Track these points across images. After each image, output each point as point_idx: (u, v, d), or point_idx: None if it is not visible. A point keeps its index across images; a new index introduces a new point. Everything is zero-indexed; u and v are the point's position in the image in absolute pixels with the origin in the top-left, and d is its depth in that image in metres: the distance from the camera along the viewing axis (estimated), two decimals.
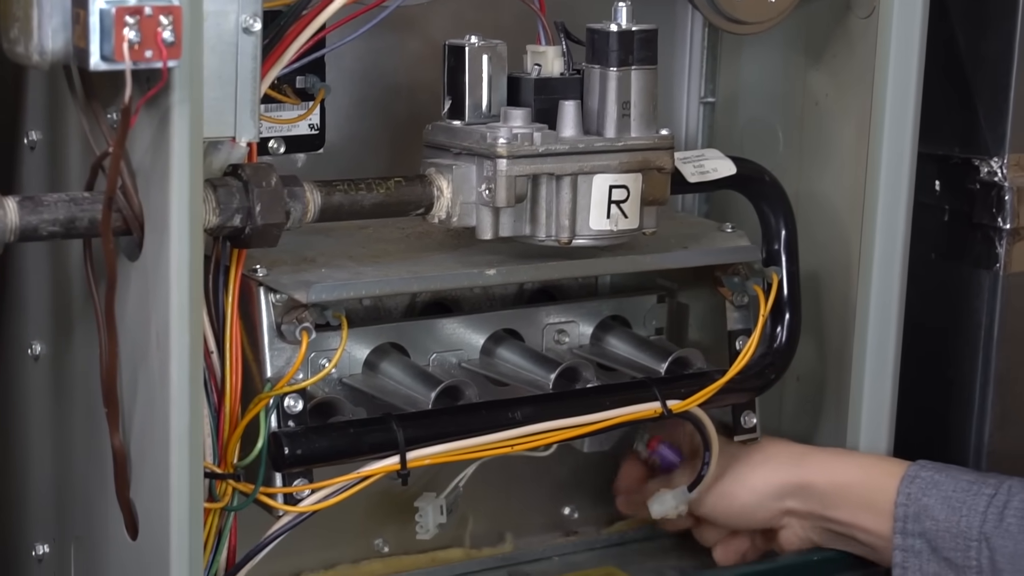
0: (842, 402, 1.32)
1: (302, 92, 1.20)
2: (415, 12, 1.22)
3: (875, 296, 1.29)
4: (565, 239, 1.14)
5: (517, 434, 1.15)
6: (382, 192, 1.11)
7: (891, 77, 1.25)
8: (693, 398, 1.22)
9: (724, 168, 1.26)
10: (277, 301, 1.10)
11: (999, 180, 1.39)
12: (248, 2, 1.00)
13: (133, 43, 0.90)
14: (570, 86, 1.15)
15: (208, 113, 0.98)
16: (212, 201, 1.02)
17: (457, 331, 1.24)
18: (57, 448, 1.16)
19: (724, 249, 1.26)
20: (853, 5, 1.28)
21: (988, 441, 1.42)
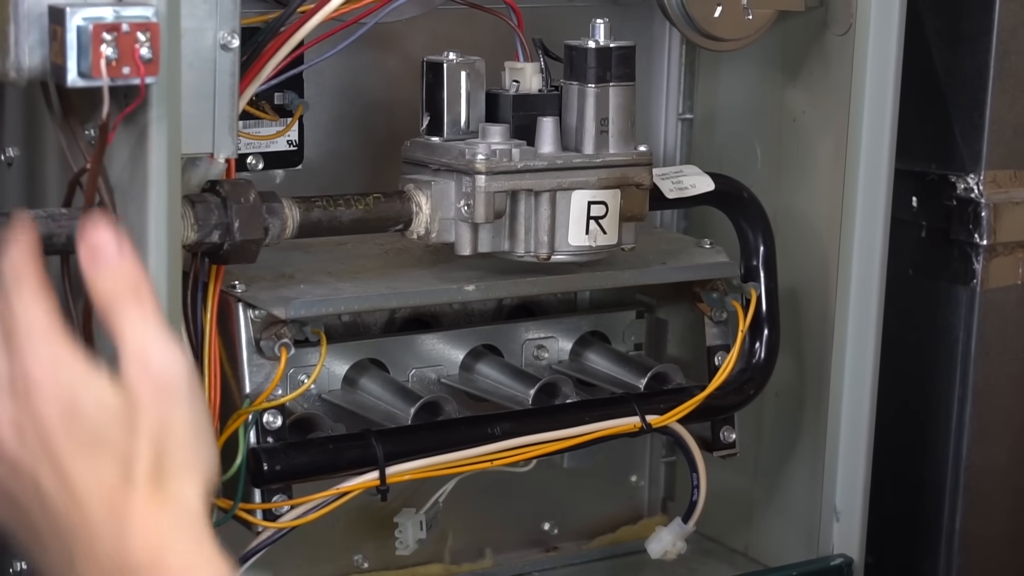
0: (820, 417, 1.32)
1: (280, 108, 1.21)
2: (393, 29, 1.23)
3: (853, 312, 1.29)
4: (544, 255, 1.14)
5: (496, 449, 1.16)
6: (361, 208, 1.11)
7: (868, 94, 1.26)
8: (672, 413, 1.22)
9: (702, 184, 1.27)
10: (256, 317, 1.10)
11: (976, 196, 1.39)
12: (226, 19, 1.00)
13: (111, 60, 0.90)
14: (548, 102, 1.16)
15: (186, 129, 0.98)
16: (190, 217, 1.02)
17: (436, 347, 1.24)
18: None
19: (703, 265, 1.26)
20: (830, 23, 1.28)
21: (966, 456, 1.42)
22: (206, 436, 0.84)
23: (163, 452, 0.82)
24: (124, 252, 0.84)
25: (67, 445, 0.82)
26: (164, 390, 0.82)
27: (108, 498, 0.81)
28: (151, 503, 0.81)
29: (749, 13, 1.25)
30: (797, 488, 1.36)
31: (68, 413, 0.82)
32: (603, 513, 1.42)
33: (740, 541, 1.41)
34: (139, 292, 0.83)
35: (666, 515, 1.43)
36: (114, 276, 0.83)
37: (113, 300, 0.83)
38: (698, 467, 1.25)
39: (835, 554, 1.33)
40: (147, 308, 0.83)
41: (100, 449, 0.81)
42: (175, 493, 0.82)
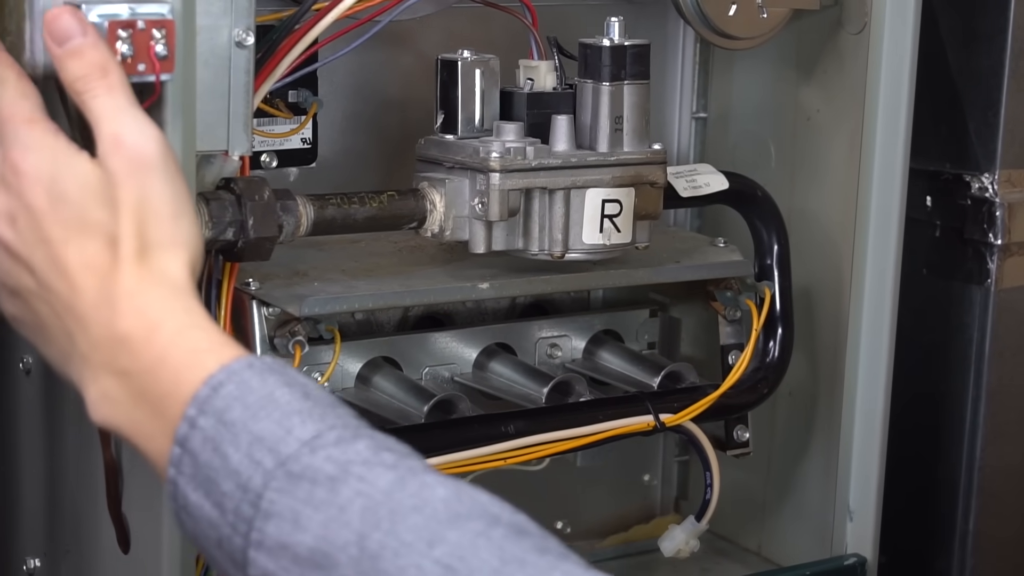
0: (834, 417, 1.32)
1: (294, 106, 1.21)
2: (407, 27, 1.22)
3: (867, 311, 1.29)
4: (558, 253, 1.14)
5: (510, 448, 1.15)
6: (375, 206, 1.11)
7: (882, 93, 1.26)
8: (685, 412, 1.22)
9: (716, 183, 1.26)
10: (270, 315, 1.10)
11: (990, 196, 1.39)
12: (241, 16, 1.00)
13: (126, 57, 0.90)
14: (563, 101, 1.15)
15: (201, 127, 0.98)
16: (205, 214, 1.02)
17: (450, 345, 1.24)
18: (48, 462, 1.16)
19: (717, 264, 1.26)
20: (844, 21, 1.28)
21: (980, 456, 1.42)
22: (187, 211, 0.87)
23: (144, 227, 0.85)
24: (88, 33, 0.87)
25: (57, 230, 0.85)
26: (138, 166, 0.85)
27: (98, 277, 0.84)
28: (137, 276, 0.84)
29: (764, 11, 1.24)
30: (810, 487, 1.35)
31: (53, 197, 0.85)
32: (616, 512, 1.41)
33: (753, 540, 1.41)
34: (107, 72, 0.86)
35: (679, 514, 1.43)
36: (81, 58, 0.87)
37: (83, 82, 0.86)
38: (711, 466, 1.24)
39: (848, 554, 1.33)
40: (117, 88, 0.86)
41: (86, 230, 0.85)
42: (160, 266, 0.85)
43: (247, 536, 0.78)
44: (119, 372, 0.84)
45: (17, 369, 1.17)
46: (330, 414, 0.81)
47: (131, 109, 0.86)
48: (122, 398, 0.84)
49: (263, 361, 0.83)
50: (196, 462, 0.80)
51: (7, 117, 0.88)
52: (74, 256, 0.85)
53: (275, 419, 0.80)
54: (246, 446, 0.79)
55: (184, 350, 0.83)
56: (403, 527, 0.75)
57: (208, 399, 0.81)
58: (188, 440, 0.81)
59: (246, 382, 0.81)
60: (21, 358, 1.17)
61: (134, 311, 0.84)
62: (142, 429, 0.84)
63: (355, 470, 0.78)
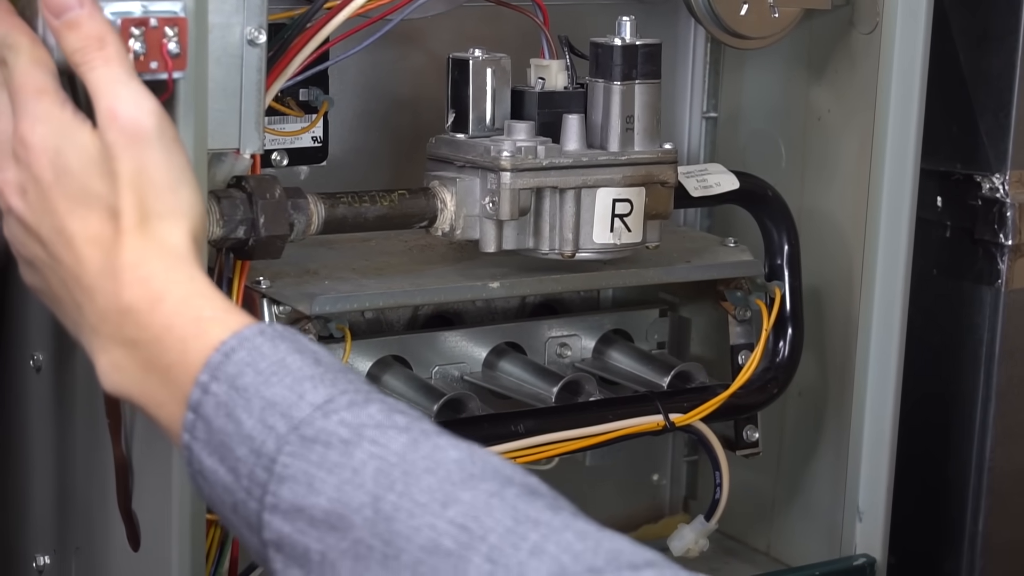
0: (844, 417, 1.32)
1: (305, 104, 1.21)
2: (419, 25, 1.22)
3: (877, 311, 1.29)
4: (568, 252, 1.14)
5: (519, 447, 1.15)
6: (386, 204, 1.11)
7: (893, 93, 1.25)
8: (695, 412, 1.22)
9: (727, 183, 1.26)
10: (280, 313, 1.10)
11: (1001, 196, 1.39)
12: (253, 14, 1.00)
13: (138, 54, 0.90)
14: (574, 100, 1.15)
15: (212, 125, 0.98)
16: (216, 213, 1.02)
17: (459, 344, 1.24)
18: (58, 459, 1.16)
19: (727, 264, 1.26)
20: (856, 21, 1.28)
21: (990, 457, 1.41)
22: (186, 181, 0.87)
23: (144, 199, 0.85)
24: (85, 4, 0.87)
25: (62, 202, 0.86)
26: (134, 137, 0.85)
27: (101, 248, 0.85)
28: (139, 247, 0.85)
29: (775, 11, 1.24)
30: (820, 488, 1.35)
31: (58, 169, 0.86)
32: (625, 511, 1.41)
33: (762, 540, 1.41)
34: (104, 44, 0.87)
35: (687, 514, 1.43)
36: (78, 30, 0.87)
37: (80, 54, 0.86)
38: (721, 466, 1.24)
39: (858, 554, 1.33)
40: (114, 59, 0.86)
41: (88, 202, 0.85)
42: (161, 236, 0.85)
43: (262, 500, 0.79)
44: (127, 342, 0.85)
45: (27, 366, 1.17)
46: (341, 379, 0.81)
47: (128, 81, 0.87)
48: (131, 367, 0.85)
49: (274, 328, 0.84)
50: (210, 427, 0.81)
51: (19, 86, 0.88)
52: (78, 228, 0.86)
53: (287, 384, 0.80)
54: (259, 411, 0.80)
55: (189, 318, 0.84)
56: (417, 488, 0.76)
57: (220, 365, 0.81)
58: (201, 405, 0.81)
59: (258, 348, 0.82)
60: (32, 355, 1.17)
61: (138, 281, 0.84)
62: (153, 397, 0.85)
63: (368, 433, 0.78)
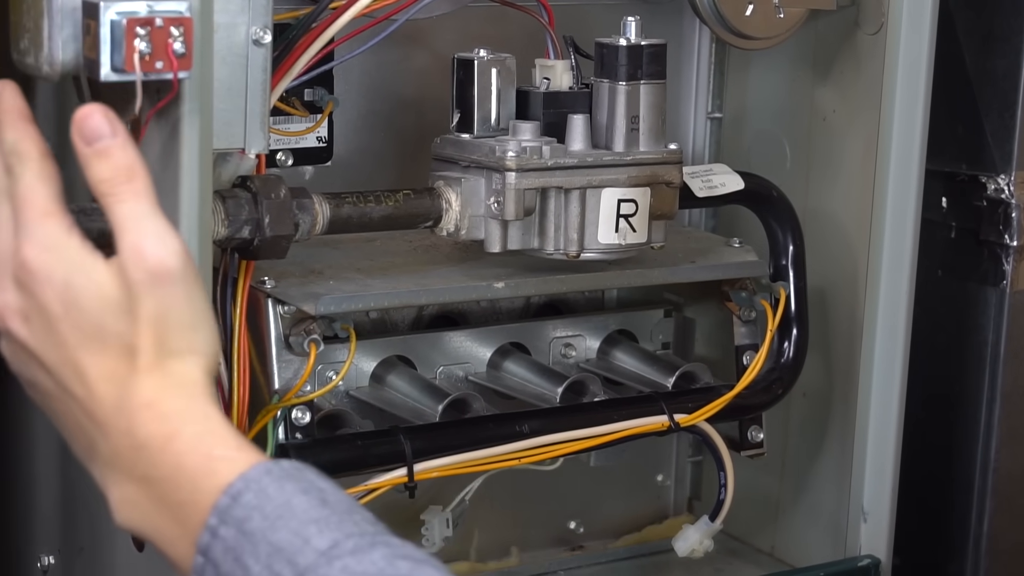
0: (848, 418, 1.32)
1: (310, 105, 1.21)
2: (423, 26, 1.22)
3: (882, 312, 1.29)
4: (573, 252, 1.14)
5: (524, 447, 1.15)
6: (391, 204, 1.11)
7: (899, 94, 1.25)
8: (700, 412, 1.22)
9: (732, 183, 1.26)
10: (285, 313, 1.10)
11: (1006, 197, 1.39)
12: (259, 14, 1.00)
13: (144, 54, 0.90)
14: (579, 100, 1.15)
15: (218, 124, 0.98)
16: (221, 212, 1.02)
17: (464, 344, 1.24)
18: (63, 459, 1.16)
19: (731, 264, 1.26)
20: (861, 22, 1.28)
21: (994, 458, 1.41)
22: (205, 319, 0.86)
23: (163, 337, 0.84)
24: (118, 134, 0.85)
25: (73, 336, 0.84)
26: (159, 276, 0.83)
27: (116, 385, 0.84)
28: (154, 384, 0.84)
29: (780, 11, 1.24)
30: (824, 488, 1.35)
31: (67, 303, 0.84)
32: (629, 512, 1.41)
33: (766, 541, 1.41)
34: (133, 177, 0.85)
35: (692, 515, 1.43)
36: (109, 160, 0.85)
37: (108, 185, 0.84)
38: (726, 466, 1.24)
39: (862, 555, 1.32)
40: (142, 194, 0.84)
41: (104, 340, 0.84)
42: (177, 372, 0.84)
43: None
44: (139, 479, 0.84)
45: None
46: (347, 521, 0.81)
47: (154, 218, 0.84)
48: (143, 503, 0.84)
49: (280, 467, 0.83)
50: (218, 571, 0.81)
51: (23, 202, 0.85)
52: (90, 364, 0.84)
53: (292, 528, 0.80)
54: (265, 557, 0.79)
55: (200, 456, 0.83)
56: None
57: (228, 508, 0.81)
58: (210, 550, 0.81)
59: (264, 490, 0.81)
60: None
61: (152, 419, 0.83)
62: (164, 535, 0.84)
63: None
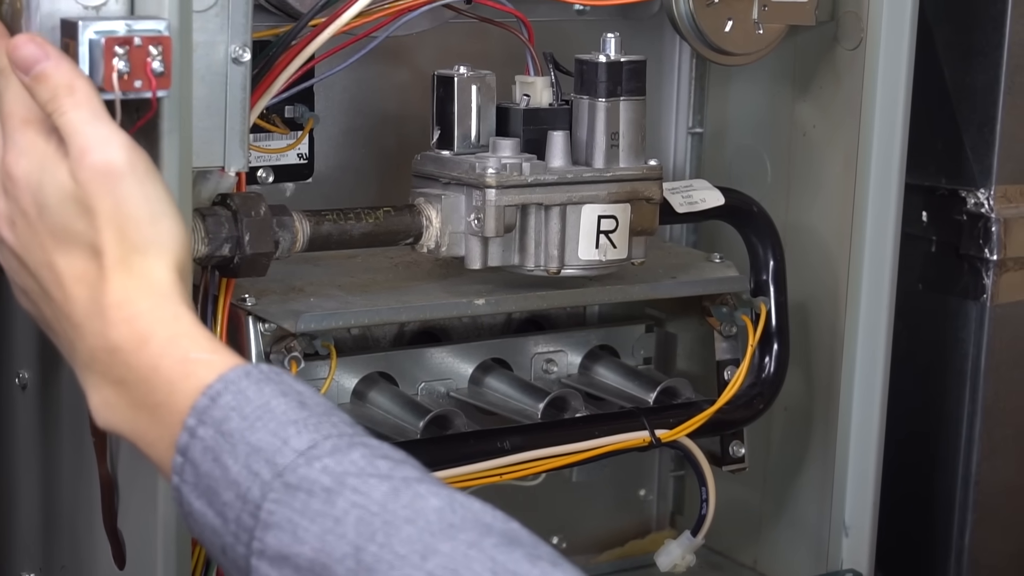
0: (830, 432, 1.32)
1: (291, 121, 1.21)
2: (404, 42, 1.23)
3: (863, 326, 1.29)
4: (554, 269, 1.14)
5: (506, 463, 1.15)
6: (371, 222, 1.11)
7: (878, 108, 1.26)
8: (681, 428, 1.22)
9: (712, 199, 1.26)
10: (266, 330, 1.10)
11: (986, 211, 1.39)
12: (237, 32, 1.00)
13: (123, 73, 0.90)
14: (559, 117, 1.16)
15: (197, 143, 0.98)
16: (201, 230, 1.02)
17: (445, 360, 1.24)
18: (44, 477, 1.16)
19: (712, 279, 1.26)
20: (840, 37, 1.28)
21: (976, 472, 1.42)
22: (166, 212, 0.87)
23: (123, 232, 0.85)
24: (50, 54, 0.88)
25: (48, 239, 0.87)
26: (107, 174, 0.86)
27: (87, 287, 0.86)
28: (123, 286, 0.85)
29: (760, 27, 1.25)
30: (806, 503, 1.35)
31: (39, 204, 0.87)
32: (612, 527, 1.41)
33: (749, 555, 1.41)
34: (73, 89, 0.87)
35: (675, 529, 1.43)
36: (47, 81, 0.87)
37: (52, 103, 0.87)
38: (707, 481, 1.24)
39: (844, 569, 1.33)
40: (83, 104, 0.87)
41: (70, 240, 0.86)
42: (143, 270, 0.86)
43: (249, 545, 0.80)
44: (116, 381, 0.86)
45: (13, 384, 1.17)
46: (325, 423, 0.82)
47: (96, 121, 0.87)
48: (121, 405, 0.86)
49: (259, 369, 0.84)
50: (197, 471, 0.82)
51: (6, 114, 0.89)
52: (64, 265, 0.87)
53: (271, 429, 0.81)
54: (244, 457, 0.81)
55: (175, 359, 0.84)
56: (397, 539, 0.77)
57: (207, 409, 0.82)
58: (189, 449, 0.82)
59: (243, 391, 0.83)
60: (17, 373, 1.17)
61: (124, 321, 0.85)
62: (143, 436, 0.86)
63: (350, 481, 0.79)
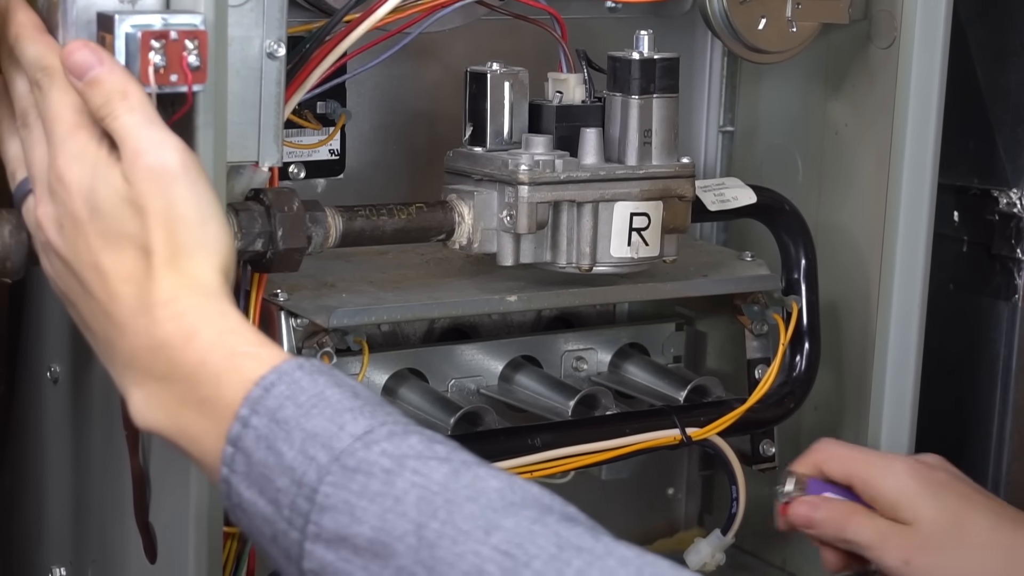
0: (860, 432, 1.32)
1: (323, 117, 1.21)
2: (436, 39, 1.23)
3: (894, 326, 1.28)
4: (586, 266, 1.14)
5: (536, 460, 1.15)
6: (403, 218, 1.11)
7: (911, 107, 1.25)
8: (712, 426, 1.22)
9: (744, 197, 1.26)
10: (298, 326, 1.10)
11: (1018, 211, 1.39)
12: (272, 27, 1.00)
13: (159, 67, 0.90)
14: (591, 114, 1.15)
15: (232, 137, 0.99)
16: (234, 225, 1.02)
17: (476, 357, 1.24)
18: (75, 470, 1.16)
19: (744, 278, 1.26)
20: (873, 35, 1.28)
21: (1007, 472, 1.41)
22: (214, 216, 0.89)
23: (173, 235, 0.87)
24: (104, 60, 0.89)
25: (96, 240, 0.88)
26: (160, 175, 0.87)
27: (135, 286, 0.86)
28: (171, 284, 0.86)
29: (793, 25, 1.24)
30: None
31: (91, 208, 0.88)
32: (640, 525, 1.41)
33: (777, 555, 1.41)
34: (127, 95, 0.89)
35: (703, 528, 1.43)
36: (101, 87, 0.89)
37: (105, 108, 0.88)
38: (737, 480, 1.24)
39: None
40: (136, 108, 0.88)
41: (121, 241, 0.87)
42: (192, 272, 0.87)
43: (303, 530, 0.80)
44: (160, 378, 0.86)
45: (44, 378, 1.17)
46: (380, 411, 0.83)
47: (150, 124, 0.88)
48: (165, 403, 0.86)
49: (312, 363, 0.85)
50: (250, 460, 0.82)
51: (54, 117, 0.90)
52: (112, 265, 0.87)
53: (327, 416, 0.81)
54: (300, 443, 0.81)
55: (223, 354, 0.85)
56: (459, 516, 0.77)
57: (260, 399, 0.83)
58: (241, 439, 0.83)
59: (297, 382, 0.83)
60: (48, 367, 1.17)
61: (171, 318, 0.86)
62: (187, 432, 0.86)
63: (410, 463, 0.79)
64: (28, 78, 0.92)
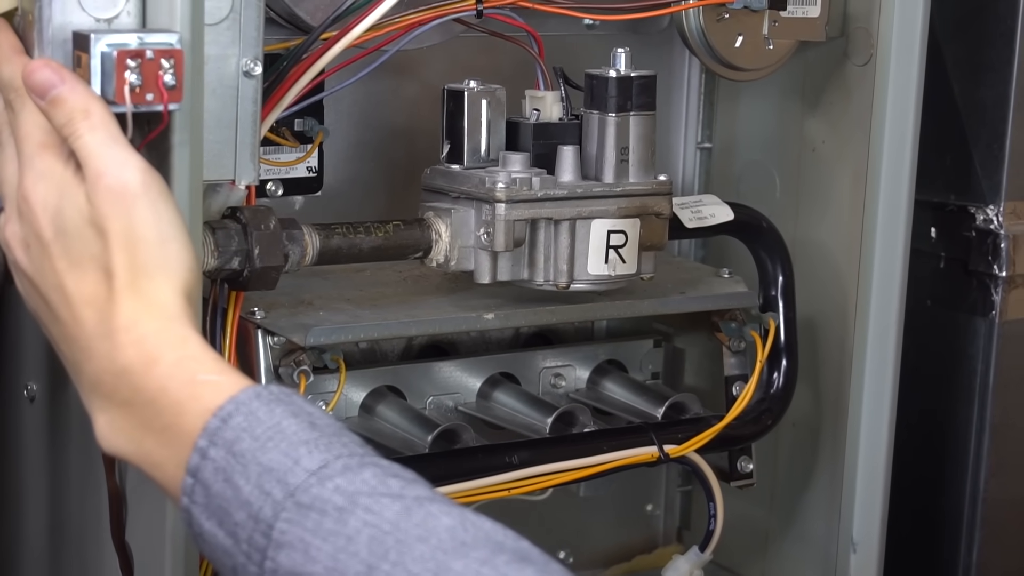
0: (838, 448, 1.32)
1: (300, 135, 1.21)
2: (414, 56, 1.23)
3: (871, 343, 1.29)
4: (563, 284, 1.14)
5: (514, 478, 1.15)
6: (380, 235, 1.11)
7: (888, 124, 1.26)
8: (690, 443, 1.22)
9: (721, 214, 1.26)
10: (275, 344, 1.10)
11: (995, 228, 1.39)
12: (249, 46, 1.00)
13: (134, 86, 0.90)
14: (569, 131, 1.16)
15: (208, 156, 0.98)
16: (211, 243, 1.02)
17: (454, 374, 1.23)
18: (52, 489, 1.16)
19: (721, 295, 1.26)
20: (850, 53, 1.28)
21: (984, 488, 1.41)
22: (175, 236, 0.88)
23: (134, 255, 0.86)
24: (66, 79, 0.89)
25: (61, 261, 0.88)
26: (121, 195, 0.86)
27: (96, 309, 0.86)
28: (132, 308, 0.86)
29: (770, 43, 1.25)
30: (814, 519, 1.35)
31: (56, 228, 0.88)
32: (619, 542, 1.41)
33: (756, 571, 1.41)
34: (88, 113, 0.88)
35: (681, 544, 1.43)
36: (63, 106, 0.88)
37: (68, 127, 0.88)
38: (715, 497, 1.24)
39: None
40: (98, 127, 0.88)
41: (83, 262, 0.87)
42: (151, 293, 0.86)
43: (261, 565, 0.80)
44: (123, 403, 0.86)
45: (21, 396, 1.17)
46: (336, 443, 0.83)
47: (112, 144, 0.88)
48: (128, 428, 0.86)
49: (269, 391, 0.85)
50: (208, 492, 0.82)
51: (24, 136, 0.90)
52: (74, 288, 0.87)
53: (283, 450, 0.82)
54: (256, 477, 0.81)
55: (183, 381, 0.85)
56: (410, 558, 0.77)
57: (218, 430, 0.83)
58: (200, 470, 0.82)
59: (254, 412, 0.83)
60: (25, 385, 1.17)
61: (132, 343, 0.85)
62: (149, 458, 0.86)
63: (362, 501, 0.79)
64: (2, 98, 0.92)
